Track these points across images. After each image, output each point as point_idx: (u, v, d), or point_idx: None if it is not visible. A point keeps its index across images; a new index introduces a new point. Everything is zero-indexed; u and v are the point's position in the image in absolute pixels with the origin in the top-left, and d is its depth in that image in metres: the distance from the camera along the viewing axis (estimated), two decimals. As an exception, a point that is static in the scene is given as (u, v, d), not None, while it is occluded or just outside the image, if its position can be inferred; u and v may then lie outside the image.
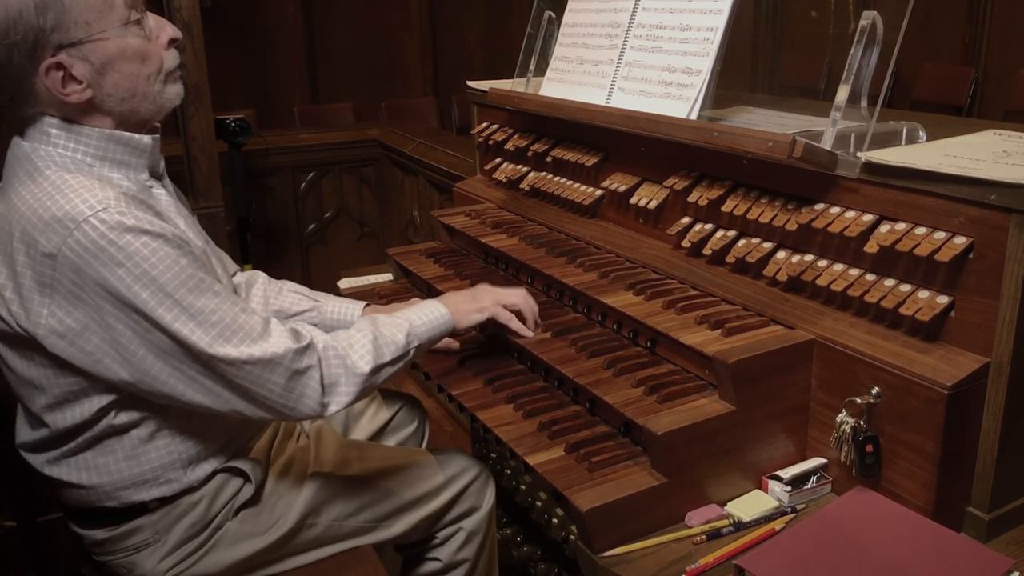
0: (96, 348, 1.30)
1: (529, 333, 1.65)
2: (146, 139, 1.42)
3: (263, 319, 1.37)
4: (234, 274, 1.75)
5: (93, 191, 1.27)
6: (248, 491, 1.55)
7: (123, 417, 1.39)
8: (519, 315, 1.66)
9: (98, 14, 1.30)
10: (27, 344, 1.32)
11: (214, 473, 1.51)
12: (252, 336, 1.33)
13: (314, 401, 1.38)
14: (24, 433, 1.46)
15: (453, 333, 1.65)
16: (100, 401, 1.37)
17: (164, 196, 1.47)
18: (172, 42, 1.42)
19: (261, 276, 1.84)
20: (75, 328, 1.28)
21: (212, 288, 1.32)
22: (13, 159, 1.36)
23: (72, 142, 1.35)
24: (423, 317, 1.56)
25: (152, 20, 1.40)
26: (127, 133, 1.39)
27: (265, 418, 1.40)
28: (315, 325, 1.76)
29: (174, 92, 1.44)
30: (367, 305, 1.83)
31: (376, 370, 1.44)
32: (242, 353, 1.31)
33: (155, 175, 1.47)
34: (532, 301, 1.69)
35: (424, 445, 2.03)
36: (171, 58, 1.42)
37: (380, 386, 1.50)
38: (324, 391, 1.39)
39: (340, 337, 1.45)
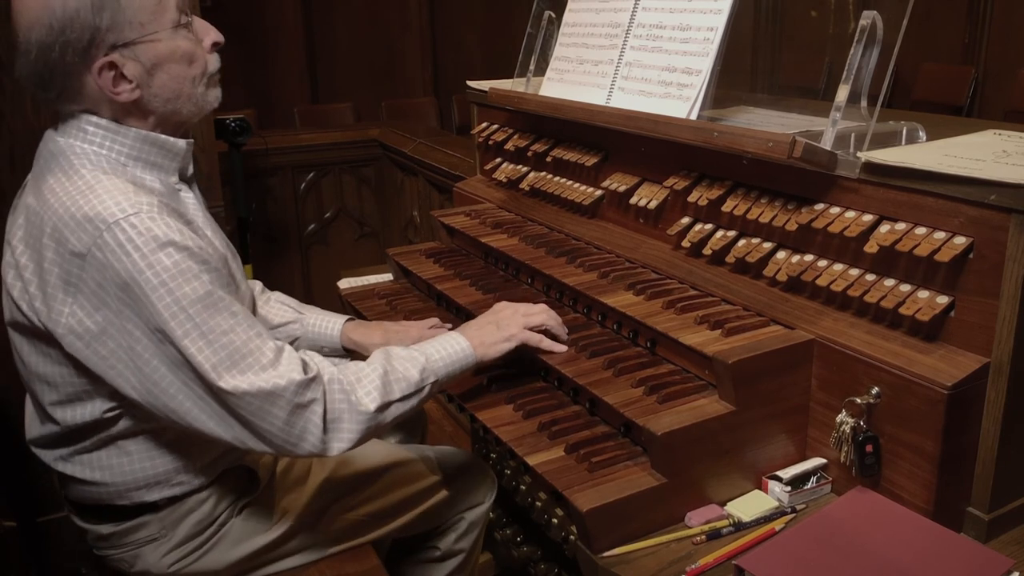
0: (111, 353, 1.29)
1: (563, 348, 1.58)
2: (181, 143, 1.43)
3: (276, 346, 1.34)
4: None
5: (127, 194, 1.27)
6: (254, 489, 1.56)
7: (139, 419, 1.39)
8: (546, 331, 1.60)
9: (151, 15, 1.32)
10: (45, 340, 1.33)
11: (223, 472, 1.51)
12: (261, 363, 1.30)
13: (316, 438, 1.34)
14: (34, 428, 1.46)
15: (479, 368, 1.57)
16: (110, 401, 1.37)
17: (192, 200, 1.48)
18: (215, 45, 1.44)
19: (258, 285, 1.84)
20: (93, 330, 1.28)
21: (230, 308, 1.31)
22: (47, 153, 1.36)
23: (108, 140, 1.35)
24: (442, 351, 1.50)
25: (198, 23, 1.42)
26: (163, 136, 1.40)
27: (268, 452, 1.38)
28: (297, 337, 1.77)
29: (214, 95, 1.46)
30: (349, 319, 1.81)
31: (383, 408, 1.39)
32: (244, 381, 1.28)
33: (184, 179, 1.48)
34: (553, 312, 1.62)
35: (423, 441, 2.03)
36: (214, 61, 1.45)
37: (391, 424, 1.43)
38: (326, 427, 1.35)
39: (349, 371, 1.40)
